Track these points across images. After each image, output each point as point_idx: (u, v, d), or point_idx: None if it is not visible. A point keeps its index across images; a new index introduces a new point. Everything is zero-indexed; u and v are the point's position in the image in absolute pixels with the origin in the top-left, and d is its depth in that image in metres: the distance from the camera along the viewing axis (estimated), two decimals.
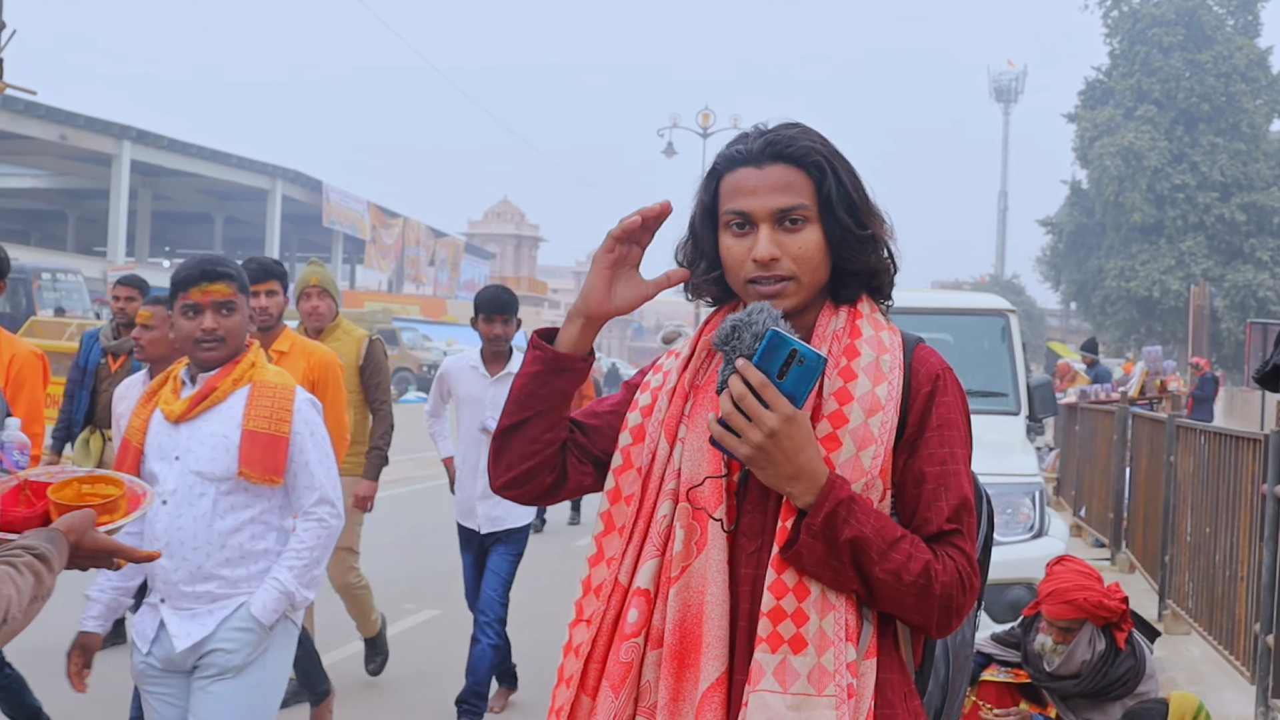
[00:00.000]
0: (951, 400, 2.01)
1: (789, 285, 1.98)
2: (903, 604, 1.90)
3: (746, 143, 2.04)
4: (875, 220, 2.04)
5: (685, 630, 1.93)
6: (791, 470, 1.86)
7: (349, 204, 53.82)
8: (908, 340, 2.06)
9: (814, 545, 1.86)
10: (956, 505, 1.95)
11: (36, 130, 37.89)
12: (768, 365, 1.84)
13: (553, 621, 8.65)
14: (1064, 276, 50.00)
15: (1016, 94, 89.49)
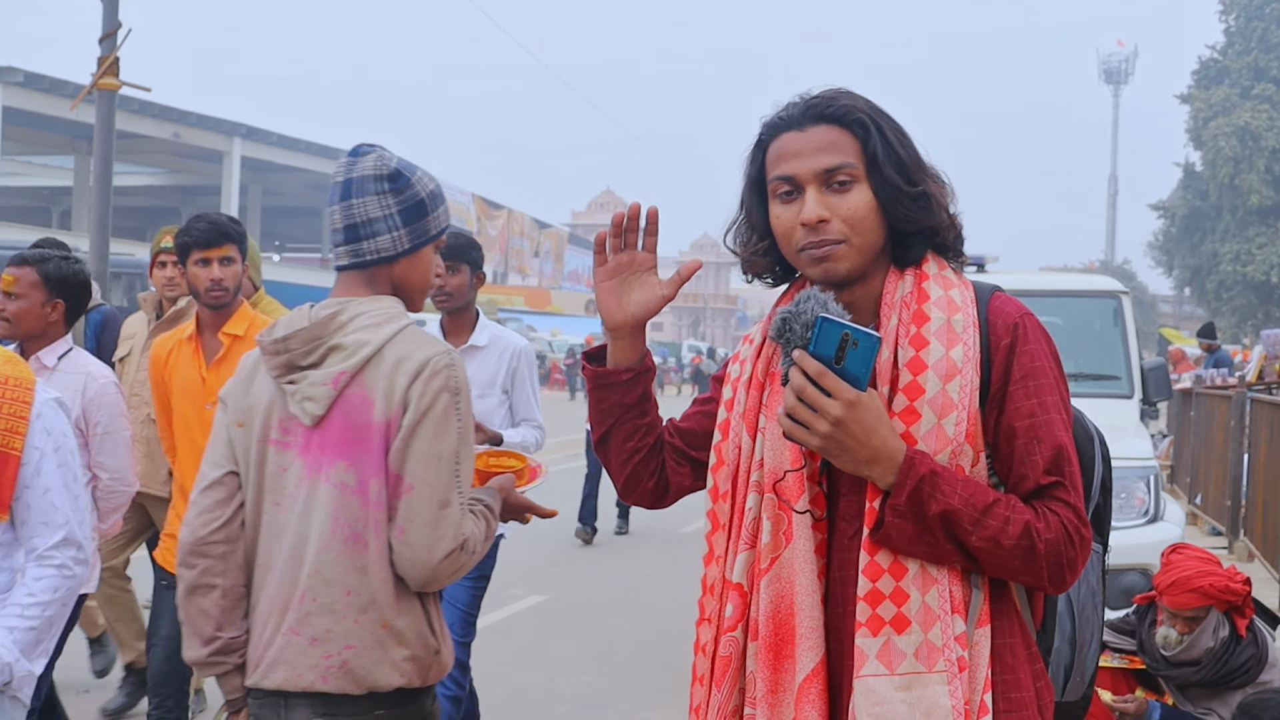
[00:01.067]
0: (1034, 348, 1.92)
1: (840, 248, 1.93)
2: (1009, 567, 1.85)
3: (789, 109, 2.01)
4: (928, 178, 1.97)
5: (779, 621, 1.91)
6: (866, 454, 1.81)
7: (454, 196, 54.30)
8: (981, 292, 1.98)
9: (902, 525, 1.82)
10: (1052, 455, 1.88)
11: (151, 129, 38.76)
12: (823, 352, 1.80)
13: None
14: (1177, 261, 48.91)
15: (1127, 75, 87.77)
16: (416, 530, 2.47)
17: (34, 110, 35.98)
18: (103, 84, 11.06)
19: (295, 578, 2.53)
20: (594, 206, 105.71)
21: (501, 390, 4.95)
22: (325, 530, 2.50)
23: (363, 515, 2.50)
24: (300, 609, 2.51)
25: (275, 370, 2.57)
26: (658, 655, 7.44)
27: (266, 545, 2.57)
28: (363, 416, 2.50)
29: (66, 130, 40.08)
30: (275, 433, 2.57)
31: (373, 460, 2.49)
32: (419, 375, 2.49)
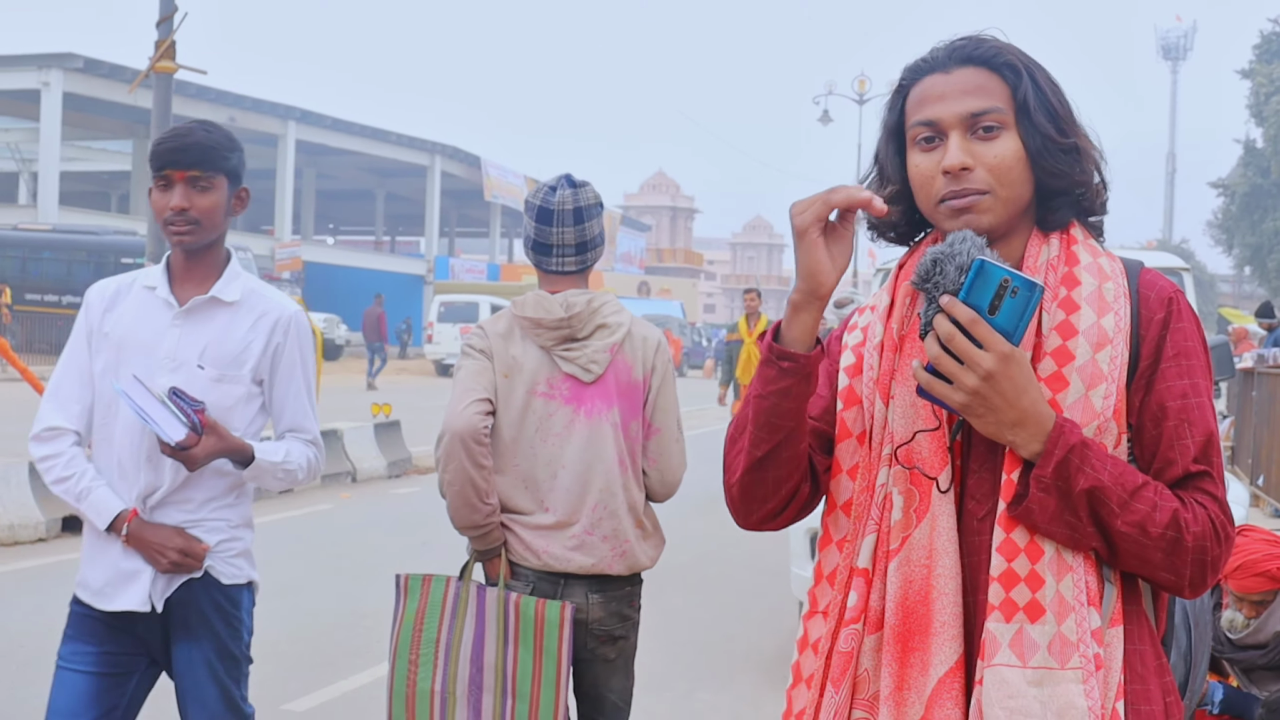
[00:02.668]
0: (1188, 326, 1.77)
1: (984, 199, 1.76)
2: (1150, 560, 1.68)
3: (933, 52, 1.86)
4: (1079, 132, 1.81)
5: (908, 609, 1.73)
6: (1014, 415, 1.65)
7: (508, 178, 54.43)
8: (1130, 265, 1.82)
9: (1045, 499, 1.65)
10: (1203, 443, 1.72)
11: (207, 113, 39.04)
12: (977, 300, 1.63)
13: None
14: (1237, 240, 48.22)
15: (1185, 51, 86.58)
16: (665, 460, 3.57)
17: (93, 96, 36.42)
18: (160, 67, 11.15)
19: (584, 493, 3.43)
20: (646, 188, 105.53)
21: (253, 378, 3.21)
22: (610, 458, 3.45)
23: (628, 447, 3.50)
24: (593, 515, 3.43)
25: (552, 341, 3.47)
26: (713, 636, 7.44)
27: (539, 467, 3.44)
28: (626, 376, 3.50)
29: (125, 115, 40.50)
30: (543, 387, 3.45)
31: (634, 408, 3.52)
32: (658, 349, 3.59)
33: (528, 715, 3.39)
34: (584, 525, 3.43)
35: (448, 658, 3.47)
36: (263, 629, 6.57)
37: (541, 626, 3.37)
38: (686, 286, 72.66)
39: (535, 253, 3.55)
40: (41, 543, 9.44)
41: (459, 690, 3.45)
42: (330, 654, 6.67)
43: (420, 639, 3.52)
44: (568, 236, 3.48)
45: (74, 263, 33.60)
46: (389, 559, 9.10)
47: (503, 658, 3.43)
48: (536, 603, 3.38)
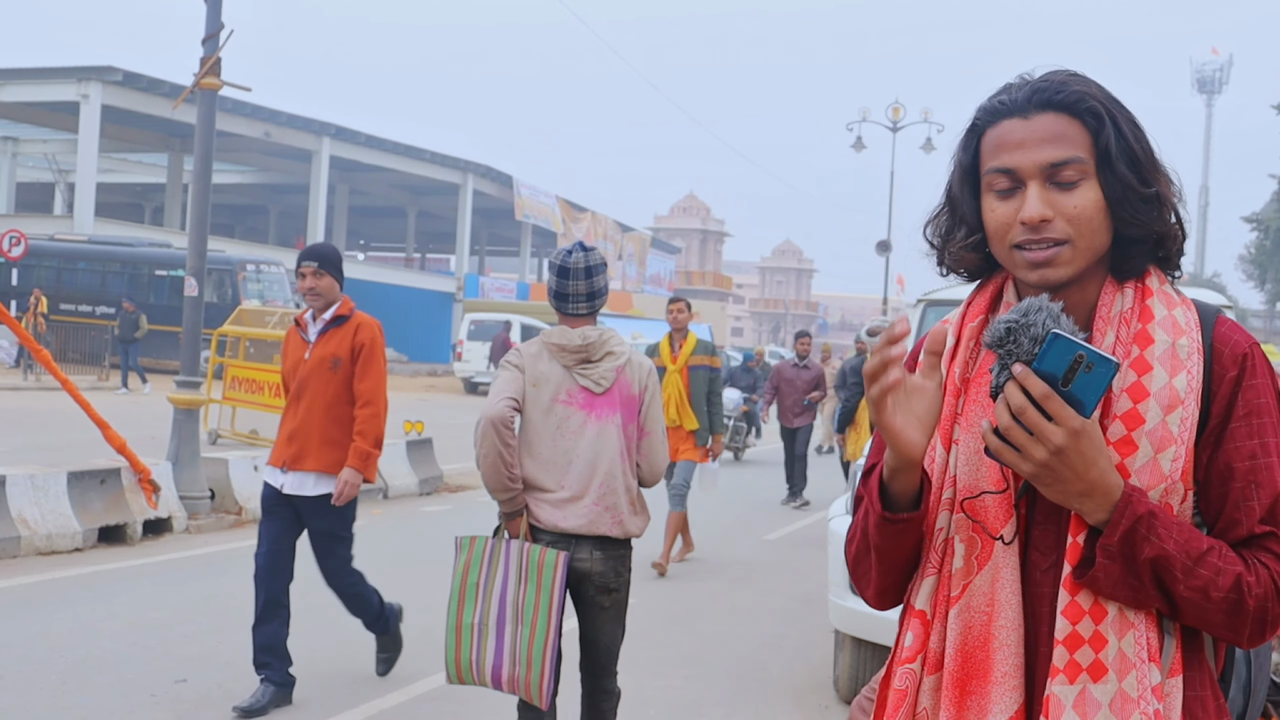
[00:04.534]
0: (1261, 383, 1.74)
1: (1063, 251, 1.73)
2: (1210, 620, 1.68)
3: (1010, 92, 1.80)
4: (1161, 178, 1.77)
5: (967, 655, 1.75)
6: (1082, 487, 1.64)
7: (539, 198, 54.58)
8: (1205, 315, 1.78)
9: (1111, 567, 1.66)
10: (1271, 504, 1.69)
11: (243, 128, 39.39)
12: (1050, 371, 1.61)
13: None
14: (1270, 275, 47.99)
15: (1220, 84, 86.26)
16: (652, 456, 4.68)
17: (131, 109, 36.73)
18: (205, 84, 11.24)
19: (592, 476, 4.49)
20: (676, 210, 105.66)
21: None
22: (613, 451, 4.53)
23: (625, 444, 4.59)
24: (598, 492, 4.48)
25: (572, 362, 4.55)
26: (746, 664, 7.41)
27: (558, 456, 4.49)
28: (627, 390, 4.62)
29: (161, 128, 40.88)
30: (563, 395, 4.53)
31: (631, 415, 4.63)
32: (650, 372, 4.71)
33: (529, 639, 4.43)
34: (590, 500, 4.49)
35: (484, 598, 4.54)
36: (293, 646, 6.61)
37: (542, 569, 4.41)
38: (715, 310, 72.60)
39: (556, 300, 4.64)
40: (78, 552, 9.50)
41: (490, 623, 4.53)
42: (360, 674, 6.68)
43: (465, 584, 4.60)
44: (580, 288, 4.60)
45: (108, 274, 33.86)
46: (419, 577, 9.11)
47: (517, 595, 4.46)
48: (541, 550, 4.43)
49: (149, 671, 6.47)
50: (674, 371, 10.08)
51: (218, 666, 6.63)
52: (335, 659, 6.93)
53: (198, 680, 6.37)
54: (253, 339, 18.69)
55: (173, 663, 6.63)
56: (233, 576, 9.10)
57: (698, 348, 10.21)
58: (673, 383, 10.05)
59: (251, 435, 16.96)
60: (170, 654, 6.81)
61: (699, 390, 10.13)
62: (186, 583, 8.79)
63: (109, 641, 7.00)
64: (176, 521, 10.65)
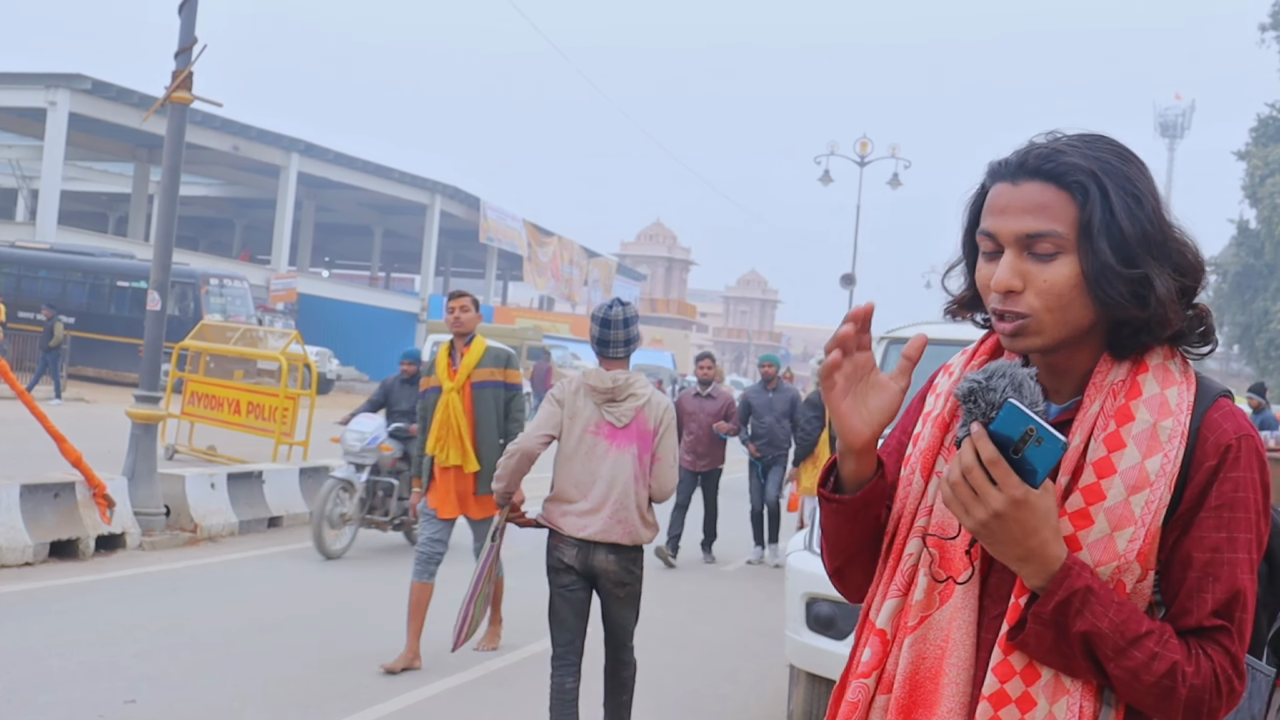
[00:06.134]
0: (1241, 476, 1.70)
1: (1028, 323, 1.72)
2: (1142, 703, 1.68)
3: (1012, 155, 1.79)
4: (1153, 258, 1.71)
5: (916, 684, 1.77)
6: (1020, 552, 1.65)
7: (505, 221, 54.52)
8: (1203, 398, 1.75)
9: (1043, 633, 1.66)
10: (1225, 599, 1.68)
11: (212, 141, 39.18)
12: (1004, 436, 1.62)
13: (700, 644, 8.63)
14: (1227, 319, 48.45)
15: (1183, 129, 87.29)
16: (662, 478, 5.55)
17: (98, 117, 36.45)
18: (175, 97, 11.19)
19: (610, 494, 5.42)
20: (643, 237, 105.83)
21: None
22: (628, 474, 5.45)
23: (640, 469, 5.50)
24: (614, 507, 5.41)
25: (601, 400, 5.51)
26: (702, 696, 7.41)
27: (585, 476, 5.45)
28: (644, 426, 5.53)
29: (128, 138, 40.58)
30: (592, 427, 5.49)
31: (646, 446, 5.53)
32: (666, 410, 5.58)
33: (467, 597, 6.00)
34: (607, 513, 5.41)
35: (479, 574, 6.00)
36: (249, 666, 6.54)
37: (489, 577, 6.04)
38: (679, 338, 72.77)
39: (599, 345, 5.60)
40: (28, 567, 9.38)
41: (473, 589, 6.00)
42: (320, 695, 6.63)
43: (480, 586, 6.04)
44: (619, 336, 5.60)
45: (69, 283, 33.54)
46: (375, 600, 9.06)
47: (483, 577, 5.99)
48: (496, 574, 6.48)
49: (97, 690, 6.39)
50: (451, 391, 7.50)
51: (169, 687, 6.56)
52: (289, 682, 6.87)
53: (147, 701, 6.30)
54: (214, 354, 18.56)
55: (122, 682, 6.56)
56: (185, 595, 9.02)
57: (486, 357, 7.63)
58: (450, 406, 7.46)
59: (209, 451, 16.82)
60: (120, 673, 6.74)
61: (488, 415, 7.51)
62: (138, 600, 8.70)
63: (57, 659, 6.92)
64: (130, 538, 10.54)
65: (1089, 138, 1.78)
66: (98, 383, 30.40)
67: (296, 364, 16.85)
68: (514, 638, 8.28)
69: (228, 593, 9.20)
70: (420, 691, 6.91)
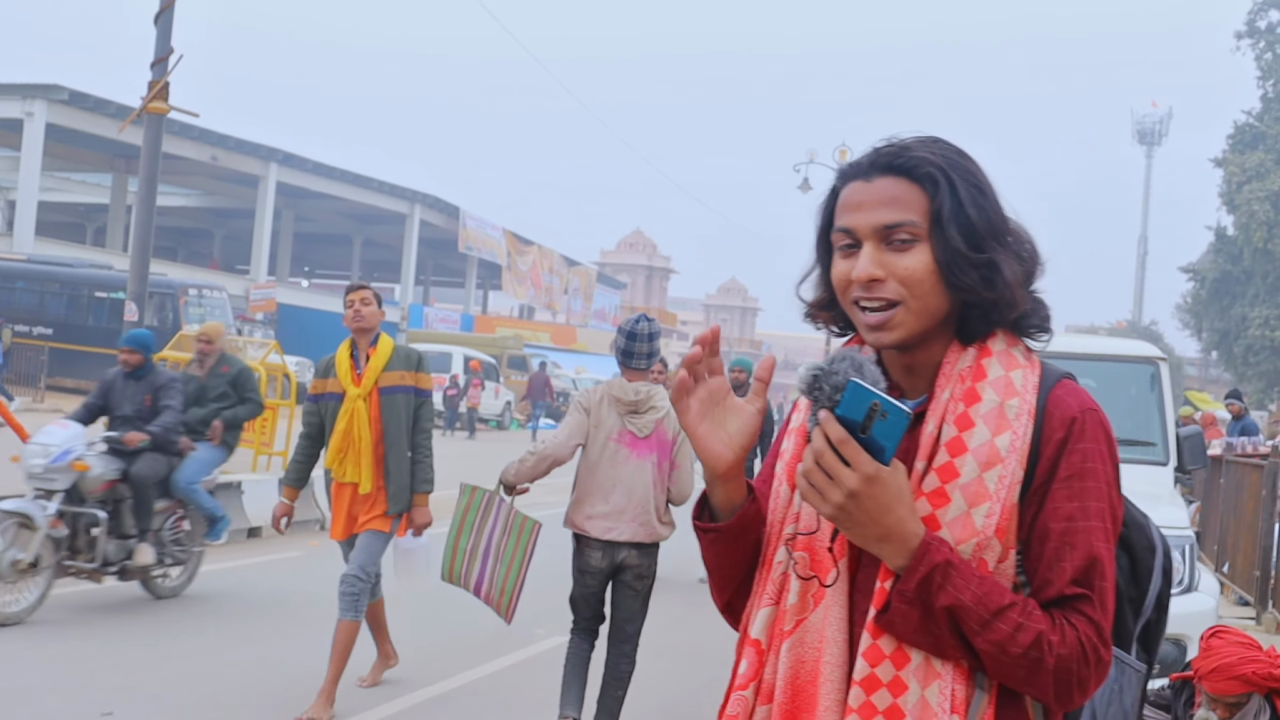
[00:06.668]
0: (1088, 447, 1.77)
1: (896, 313, 1.78)
2: (1012, 676, 1.71)
3: (861, 156, 1.87)
4: (999, 245, 1.80)
5: (797, 689, 1.78)
6: (878, 531, 1.69)
7: (485, 230, 54.51)
8: (1047, 378, 1.83)
9: (908, 612, 1.69)
10: (1083, 566, 1.73)
11: (190, 151, 39.09)
12: (850, 418, 1.67)
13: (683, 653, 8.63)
14: (1205, 325, 48.66)
15: (1160, 137, 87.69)
16: (680, 484, 6.01)
17: (76, 128, 36.37)
18: (152, 108, 11.18)
19: (631, 499, 5.83)
20: (623, 246, 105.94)
21: None
22: (647, 481, 5.87)
23: (659, 476, 5.91)
24: (634, 511, 5.83)
25: (624, 411, 5.90)
26: (683, 705, 7.41)
27: (608, 482, 5.84)
28: (663, 436, 5.94)
29: (106, 148, 40.47)
30: (615, 436, 5.88)
31: (665, 454, 5.93)
32: None
33: (505, 574, 6.03)
34: (629, 515, 5.84)
35: (476, 533, 6.07)
36: (226, 677, 6.51)
37: (521, 530, 6.03)
38: (659, 346, 72.80)
39: (623, 356, 5.97)
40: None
41: (479, 553, 6.09)
42: (297, 705, 6.61)
43: (465, 519, 6.14)
44: (644, 349, 5.97)
45: (47, 294, 33.40)
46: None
47: (500, 541, 6.04)
48: (523, 517, 6.05)
49: (74, 703, 6.36)
50: (356, 398, 6.62)
51: (146, 699, 6.54)
52: (266, 692, 6.85)
53: (125, 714, 6.27)
54: None
55: (100, 694, 6.53)
56: (163, 607, 8.98)
57: (395, 359, 6.73)
58: (354, 416, 6.61)
59: None
60: (97, 685, 6.71)
61: (397, 426, 6.62)
62: (115, 612, 8.66)
63: (33, 672, 6.89)
64: None
65: (929, 138, 1.87)
66: (76, 394, 30.22)
67: (275, 374, 16.81)
68: (494, 646, 8.27)
69: (205, 605, 9.17)
70: (401, 701, 6.91)
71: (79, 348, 31.21)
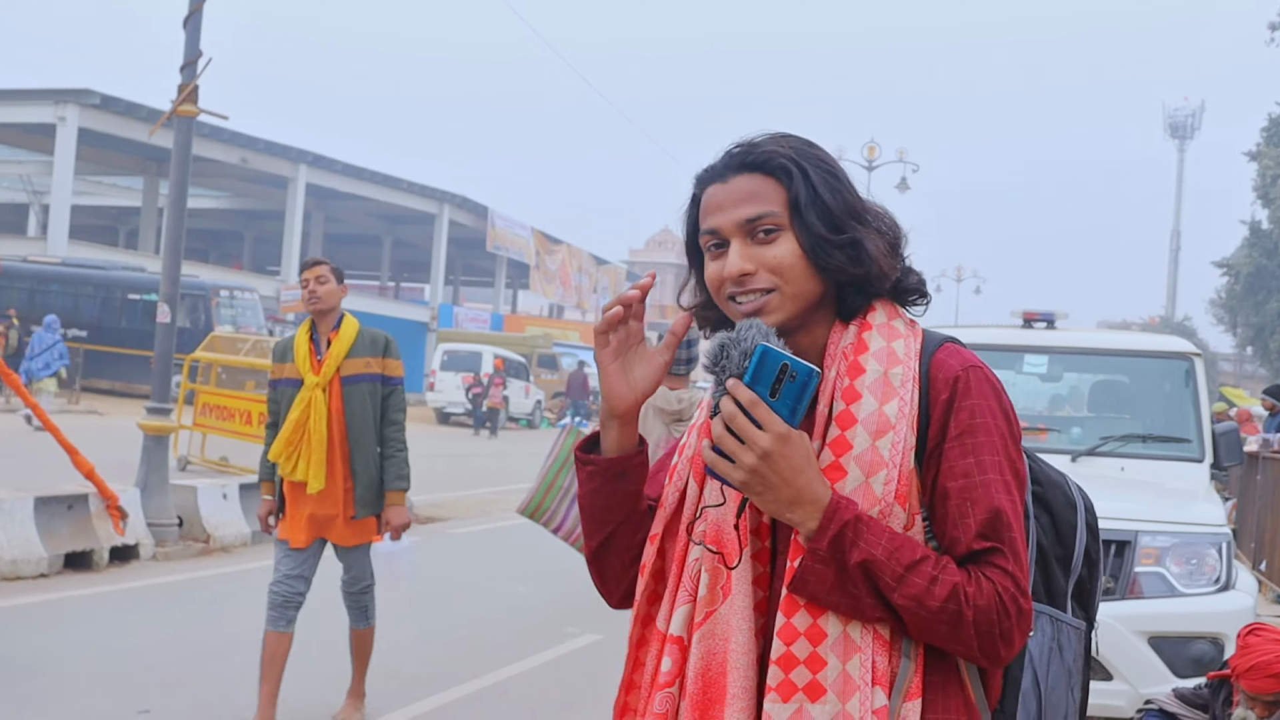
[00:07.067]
0: (975, 404, 1.80)
1: (771, 298, 1.83)
2: (934, 633, 1.71)
3: (716, 160, 1.93)
4: (859, 224, 1.86)
5: (708, 680, 1.79)
6: (790, 494, 1.69)
7: (514, 230, 54.59)
8: (929, 344, 1.87)
9: (823, 571, 1.70)
10: (987, 519, 1.74)
11: (219, 153, 39.29)
12: (760, 383, 1.69)
13: None
14: (1239, 320, 48.29)
15: (1193, 130, 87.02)
16: None
17: (107, 132, 36.61)
18: (182, 111, 11.23)
19: None
20: (651, 244, 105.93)
21: None
22: None
23: None
24: None
25: (669, 420, 6.06)
26: None
27: None
28: None
29: (137, 152, 40.73)
30: (663, 445, 5.58)
31: None
32: None
33: None
34: None
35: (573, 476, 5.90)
36: (254, 679, 6.52)
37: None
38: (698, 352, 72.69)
39: None
40: (43, 579, 9.41)
41: (571, 494, 6.50)
42: (335, 704, 6.64)
43: (567, 461, 6.54)
44: (683, 355, 6.05)
45: (81, 296, 33.67)
46: (384, 611, 9.07)
47: None
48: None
49: (111, 701, 6.41)
50: (314, 387, 5.89)
51: (183, 697, 6.58)
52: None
53: (162, 711, 6.32)
54: (225, 365, 18.60)
55: (137, 692, 6.58)
56: (199, 606, 9.05)
57: (360, 343, 6.03)
58: (312, 407, 5.87)
59: (221, 462, 16.87)
60: (134, 683, 6.76)
61: (363, 419, 5.93)
62: (152, 611, 8.73)
63: (71, 669, 6.94)
64: (144, 549, 10.58)
65: (778, 134, 1.93)
66: (110, 395, 30.51)
67: None
68: (520, 648, 8.29)
69: (241, 603, 9.22)
70: (435, 699, 6.93)
71: (113, 349, 31.46)
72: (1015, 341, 7.95)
